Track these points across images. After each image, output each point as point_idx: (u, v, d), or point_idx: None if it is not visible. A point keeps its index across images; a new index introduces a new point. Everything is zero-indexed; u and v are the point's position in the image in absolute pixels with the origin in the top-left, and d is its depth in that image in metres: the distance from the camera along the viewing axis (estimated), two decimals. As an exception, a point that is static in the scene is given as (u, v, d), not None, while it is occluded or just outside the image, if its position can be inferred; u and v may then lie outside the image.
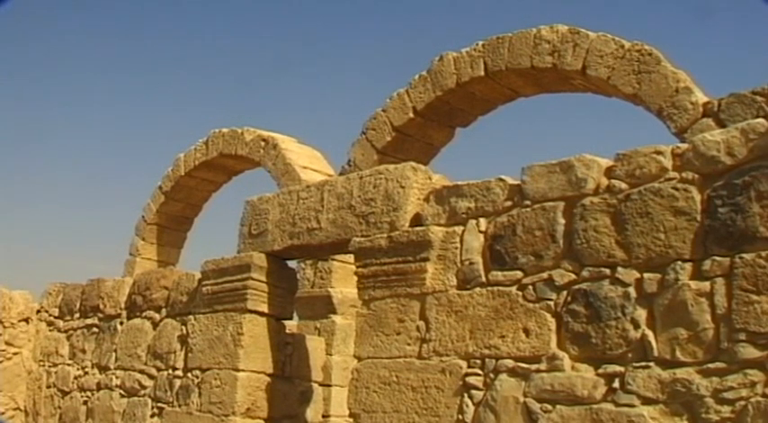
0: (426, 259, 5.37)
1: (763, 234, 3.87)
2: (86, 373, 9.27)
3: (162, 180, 12.79)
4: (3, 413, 10.27)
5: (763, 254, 3.84)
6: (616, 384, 4.25)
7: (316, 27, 36.67)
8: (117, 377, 8.64)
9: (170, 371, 7.75)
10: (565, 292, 4.61)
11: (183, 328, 7.70)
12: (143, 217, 13.15)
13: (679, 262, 4.14)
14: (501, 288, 4.94)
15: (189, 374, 7.42)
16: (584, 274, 4.53)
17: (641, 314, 4.25)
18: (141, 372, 8.23)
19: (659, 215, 4.25)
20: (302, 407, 7.35)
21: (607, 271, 4.43)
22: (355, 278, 5.99)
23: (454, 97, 9.14)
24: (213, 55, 36.94)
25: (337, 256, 9.00)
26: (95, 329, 9.32)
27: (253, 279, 6.85)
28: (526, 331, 4.75)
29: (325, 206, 6.31)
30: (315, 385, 7.56)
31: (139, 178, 35.43)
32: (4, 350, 10.43)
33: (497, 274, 4.98)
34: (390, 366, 5.43)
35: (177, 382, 7.57)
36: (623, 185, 4.45)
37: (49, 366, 10.12)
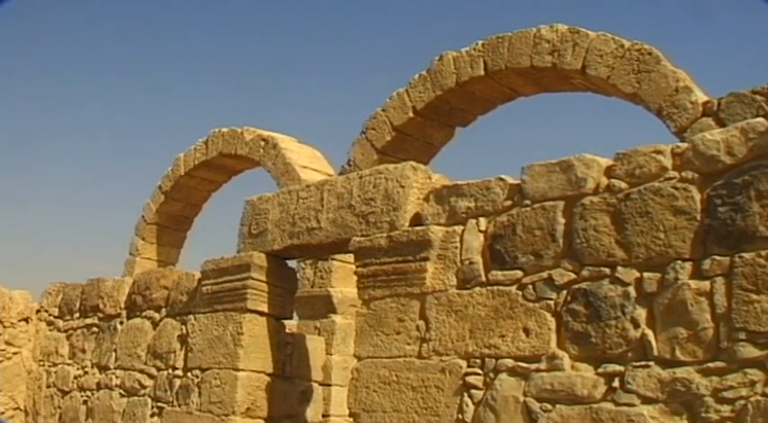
0: (426, 259, 5.37)
1: (762, 233, 3.87)
2: (86, 372, 9.27)
3: (162, 180, 12.79)
4: (3, 413, 10.27)
5: (763, 253, 3.84)
6: (616, 384, 4.25)
7: (316, 26, 36.69)
8: (117, 377, 8.64)
9: (170, 370, 7.75)
10: (565, 292, 4.61)
11: (183, 327, 7.70)
12: (143, 217, 13.15)
13: (679, 261, 4.14)
14: (501, 287, 4.94)
15: (189, 374, 7.42)
16: (584, 273, 4.53)
17: (641, 313, 4.25)
18: (141, 371, 8.23)
19: (659, 214, 4.25)
20: (302, 406, 7.35)
21: (607, 270, 4.43)
22: (355, 278, 5.99)
23: (454, 97, 9.14)
24: (213, 55, 36.97)
25: (337, 256, 9.00)
26: (95, 329, 9.32)
27: (253, 279, 6.85)
28: (526, 331, 4.75)
29: (325, 206, 6.30)
30: (315, 385, 7.56)
31: (139, 178, 35.48)
32: (3, 350, 10.43)
33: (497, 274, 4.98)
34: (390, 366, 5.43)
35: (177, 382, 7.57)
36: (623, 185, 4.44)
37: (49, 366, 10.12)
